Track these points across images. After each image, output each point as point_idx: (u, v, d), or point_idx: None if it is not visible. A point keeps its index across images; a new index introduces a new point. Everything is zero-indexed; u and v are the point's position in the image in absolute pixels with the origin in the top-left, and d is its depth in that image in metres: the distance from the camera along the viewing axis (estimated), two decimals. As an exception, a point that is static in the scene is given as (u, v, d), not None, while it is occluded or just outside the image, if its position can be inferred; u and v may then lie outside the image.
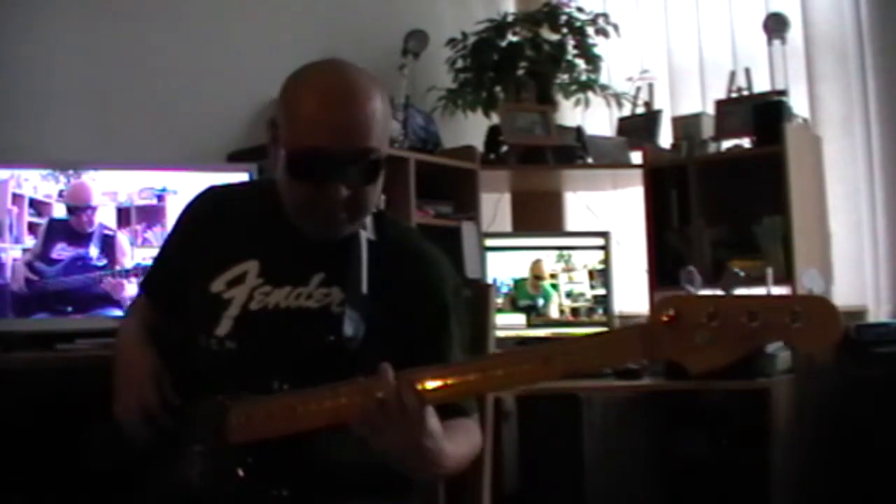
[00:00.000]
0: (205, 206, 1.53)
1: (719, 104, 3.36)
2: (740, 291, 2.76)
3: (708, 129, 3.35)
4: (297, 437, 1.21)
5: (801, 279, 2.90)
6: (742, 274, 2.77)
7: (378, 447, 1.14)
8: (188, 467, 1.28)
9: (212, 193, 1.55)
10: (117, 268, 2.42)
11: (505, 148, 3.50)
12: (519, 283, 3.32)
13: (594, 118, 3.84)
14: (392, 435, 1.13)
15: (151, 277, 1.60)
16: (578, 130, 3.61)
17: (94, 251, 2.40)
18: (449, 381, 1.15)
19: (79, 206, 2.39)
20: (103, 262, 2.41)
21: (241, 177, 2.44)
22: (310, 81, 1.33)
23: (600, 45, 3.68)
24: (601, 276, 3.35)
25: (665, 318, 1.02)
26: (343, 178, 1.29)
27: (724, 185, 3.27)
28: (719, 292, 2.74)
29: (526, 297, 3.31)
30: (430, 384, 1.15)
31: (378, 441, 1.14)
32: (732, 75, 3.40)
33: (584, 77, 3.66)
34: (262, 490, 1.26)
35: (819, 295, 1.07)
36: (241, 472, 1.25)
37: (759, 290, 2.91)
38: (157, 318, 1.51)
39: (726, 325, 1.00)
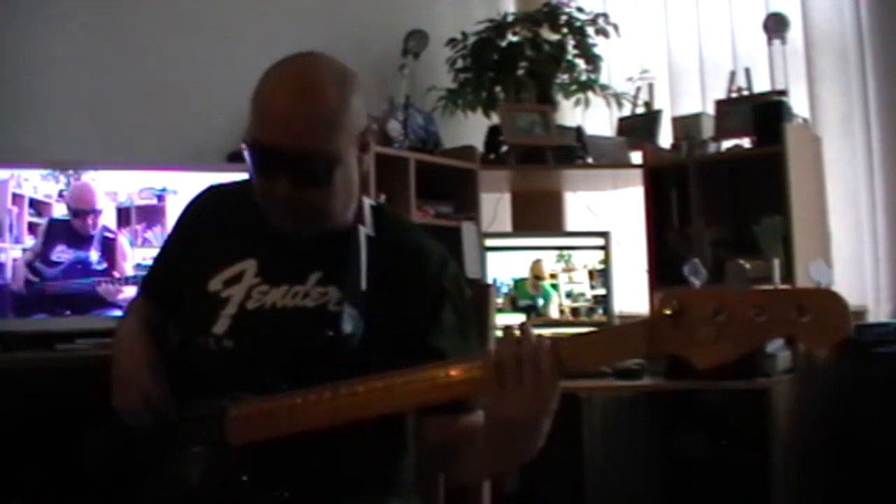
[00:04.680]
0: (204, 205, 1.53)
1: (719, 104, 3.36)
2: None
3: (708, 129, 3.34)
4: (297, 437, 1.20)
5: (809, 271, 2.84)
6: (748, 266, 2.74)
7: (506, 411, 1.11)
8: (188, 469, 1.27)
9: (212, 192, 1.55)
10: (117, 273, 2.41)
11: (505, 148, 3.49)
12: (519, 283, 3.32)
13: (594, 118, 3.83)
14: (522, 396, 1.09)
15: (150, 278, 1.59)
16: (578, 130, 3.61)
17: (94, 255, 2.40)
18: None
19: (83, 210, 2.39)
20: (103, 266, 2.41)
21: (240, 177, 2.43)
22: (271, 73, 1.34)
23: (600, 45, 3.68)
24: (601, 276, 3.34)
25: (669, 313, 1.01)
26: (281, 174, 1.27)
27: (724, 185, 3.27)
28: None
29: (526, 297, 3.31)
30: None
31: (505, 404, 1.10)
32: (732, 75, 3.39)
33: (584, 77, 3.66)
34: (262, 491, 1.24)
35: (828, 288, 1.04)
36: (241, 474, 1.24)
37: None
38: (156, 319, 1.49)
39: (732, 319, 0.98)
